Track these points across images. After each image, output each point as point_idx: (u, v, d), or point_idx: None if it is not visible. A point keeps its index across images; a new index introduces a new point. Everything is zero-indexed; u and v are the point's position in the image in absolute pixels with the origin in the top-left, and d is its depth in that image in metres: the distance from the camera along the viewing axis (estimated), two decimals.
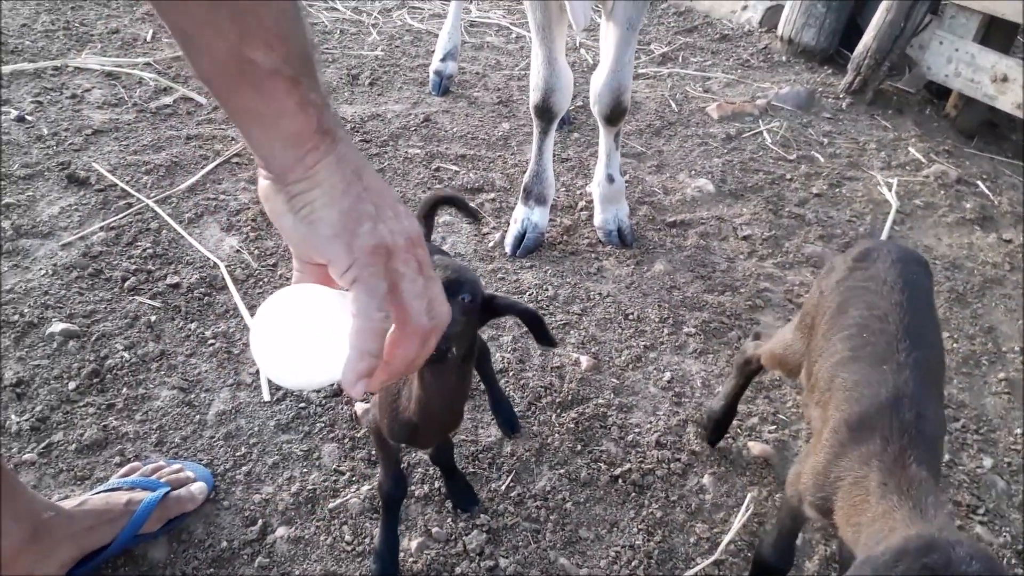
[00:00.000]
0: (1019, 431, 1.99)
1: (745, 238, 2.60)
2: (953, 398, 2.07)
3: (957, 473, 1.86)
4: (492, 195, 2.75)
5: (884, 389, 1.17)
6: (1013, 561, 1.67)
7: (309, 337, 0.75)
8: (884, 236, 2.67)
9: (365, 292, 0.72)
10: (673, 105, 3.38)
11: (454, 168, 2.87)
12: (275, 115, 0.70)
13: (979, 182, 3.07)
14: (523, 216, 2.49)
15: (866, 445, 1.11)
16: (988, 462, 1.89)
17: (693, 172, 2.94)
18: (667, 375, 2.07)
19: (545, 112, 2.34)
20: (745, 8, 4.20)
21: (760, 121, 3.30)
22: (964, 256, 2.62)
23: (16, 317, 1.98)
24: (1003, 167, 3.30)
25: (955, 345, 2.23)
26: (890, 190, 2.91)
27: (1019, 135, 3.52)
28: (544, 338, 1.15)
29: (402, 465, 1.75)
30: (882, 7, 3.52)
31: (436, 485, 1.73)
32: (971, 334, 2.29)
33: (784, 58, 3.92)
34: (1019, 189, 3.14)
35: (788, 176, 2.96)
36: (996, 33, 3.36)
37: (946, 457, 1.88)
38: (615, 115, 2.35)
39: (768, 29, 4.09)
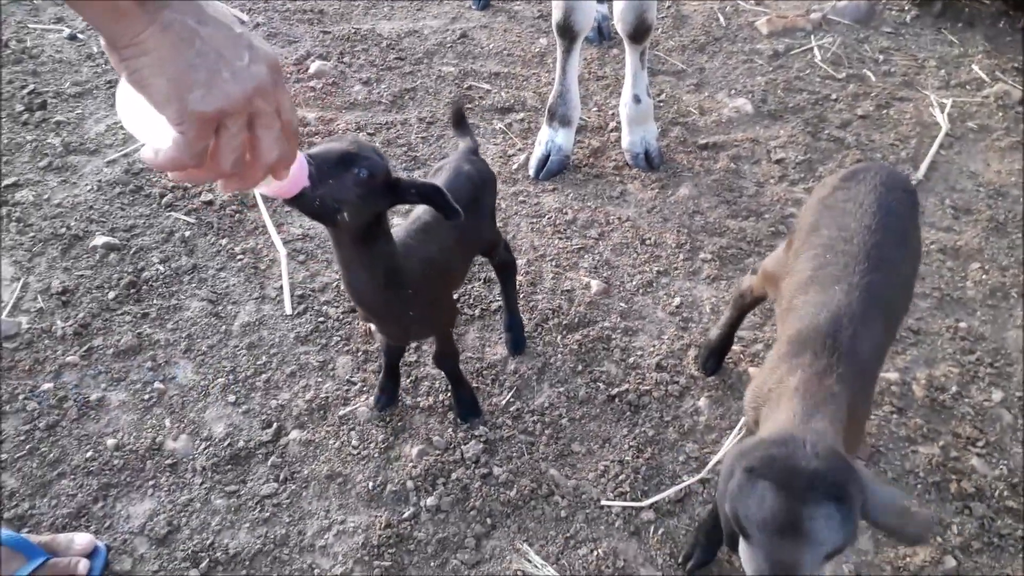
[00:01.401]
0: None
1: (778, 161, 2.54)
2: (973, 330, 2.03)
3: (962, 405, 1.84)
4: (521, 115, 2.75)
5: (828, 308, 1.22)
6: (1006, 494, 1.67)
7: (146, 117, 0.81)
8: (928, 160, 2.56)
9: (185, 145, 0.77)
10: (721, 19, 3.25)
11: (486, 87, 2.86)
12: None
13: None
14: (547, 138, 2.49)
15: (799, 358, 1.17)
16: (998, 395, 1.87)
17: (733, 91, 2.86)
18: (676, 300, 2.09)
19: (567, 30, 2.30)
20: None
21: (812, 37, 3.15)
22: (1011, 183, 2.49)
23: (63, 230, 2.14)
24: None
25: (984, 277, 2.17)
26: (942, 111, 2.77)
27: None
28: (447, 210, 1.26)
29: (410, 378, 1.86)
30: None
31: (440, 398, 1.83)
32: (1004, 265, 2.21)
33: None
34: None
35: (834, 96, 2.84)
36: None
37: (953, 389, 1.87)
38: (639, 33, 2.30)
39: None
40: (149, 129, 0.81)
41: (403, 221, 1.55)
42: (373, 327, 1.54)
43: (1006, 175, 2.53)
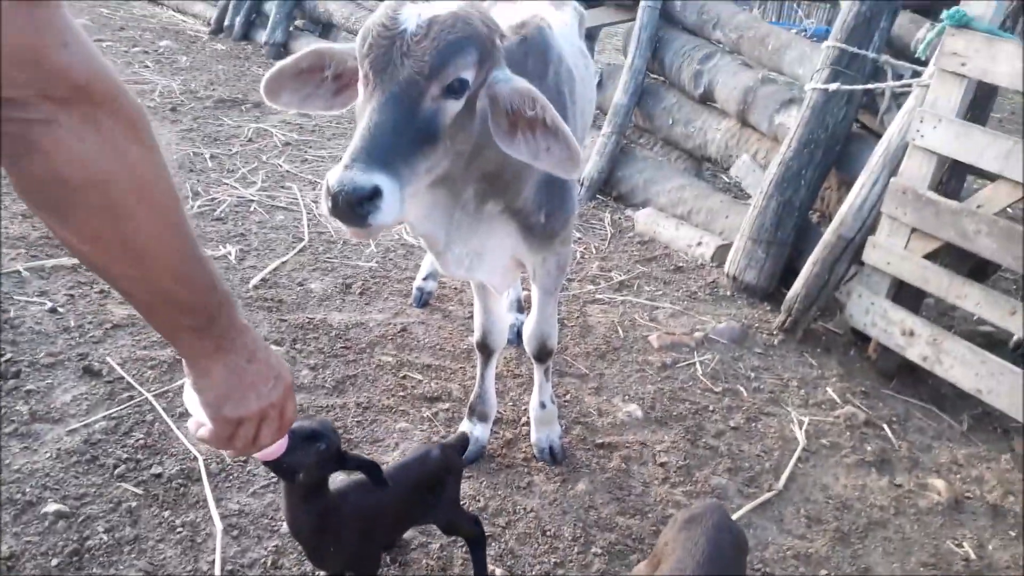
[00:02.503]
0: None
1: (662, 464, 2.96)
2: None
3: None
4: (447, 405, 3.15)
5: None
6: None
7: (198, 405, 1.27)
8: (787, 472, 3.02)
9: (214, 434, 1.25)
10: (620, 332, 3.85)
11: (418, 377, 3.29)
12: (183, 343, 1.19)
13: (885, 426, 3.44)
14: (467, 430, 2.88)
15: None
16: None
17: (627, 397, 3.35)
18: None
19: (484, 347, 2.81)
20: (700, 244, 4.78)
21: (695, 352, 3.75)
22: (855, 497, 2.95)
23: (19, 496, 2.34)
24: (915, 410, 3.68)
25: None
26: (800, 428, 3.29)
27: (934, 380, 3.91)
28: (375, 480, 1.77)
29: None
30: (810, 260, 4.07)
31: None
32: (847, 573, 2.58)
33: (728, 293, 4.43)
34: (926, 433, 3.51)
35: (711, 407, 3.36)
36: (906, 293, 3.86)
37: None
38: (542, 355, 2.80)
39: (718, 264, 4.64)
40: (197, 410, 1.28)
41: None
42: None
43: (851, 490, 2.99)
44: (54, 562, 2.16)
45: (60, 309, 3.25)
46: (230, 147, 5.54)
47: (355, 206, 1.52)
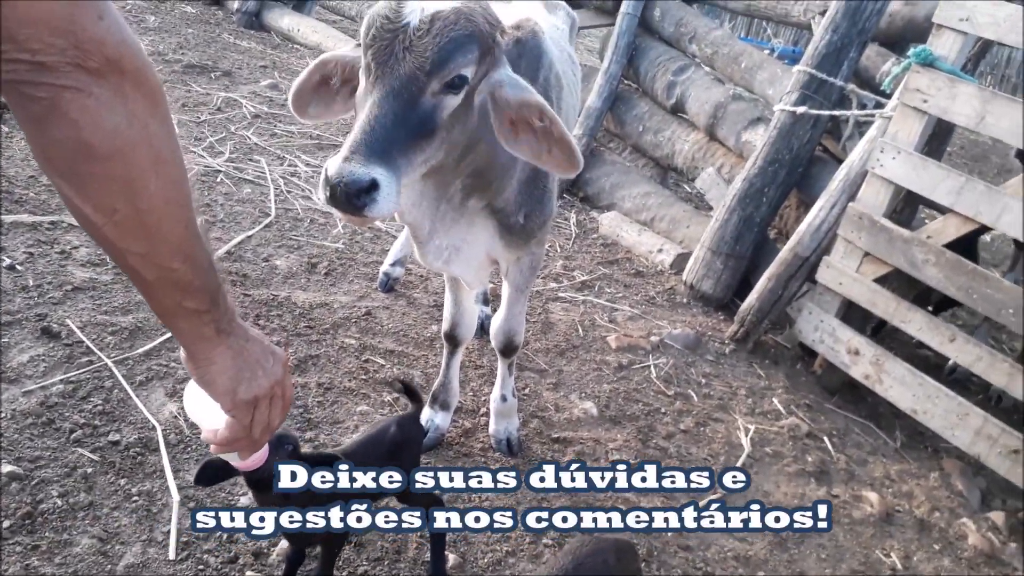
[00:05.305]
0: None
1: (613, 462, 3.05)
2: None
3: None
4: None
5: None
6: None
7: (206, 409, 1.30)
8: None
9: (235, 423, 1.28)
10: (580, 331, 3.93)
11: (381, 362, 3.32)
12: (185, 328, 1.20)
13: (825, 438, 3.60)
14: (428, 417, 2.93)
15: None
16: None
17: (583, 395, 3.43)
18: None
19: (452, 338, 2.85)
20: (660, 251, 4.90)
21: (650, 356, 3.85)
22: (794, 505, 3.08)
23: None
24: (855, 425, 3.85)
25: None
26: (746, 435, 3.42)
27: (873, 398, 4.09)
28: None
29: None
30: (766, 275, 4.21)
31: None
32: (783, 575, 2.71)
33: (685, 300, 4.55)
34: (863, 448, 3.68)
35: (663, 410, 3.46)
36: (854, 313, 4.03)
37: None
38: (508, 350, 2.86)
39: (676, 272, 4.76)
40: (206, 417, 1.31)
41: None
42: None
43: (791, 497, 3.13)
44: (6, 524, 2.14)
45: (19, 267, 3.18)
46: (198, 114, 5.45)
47: (353, 198, 1.54)
